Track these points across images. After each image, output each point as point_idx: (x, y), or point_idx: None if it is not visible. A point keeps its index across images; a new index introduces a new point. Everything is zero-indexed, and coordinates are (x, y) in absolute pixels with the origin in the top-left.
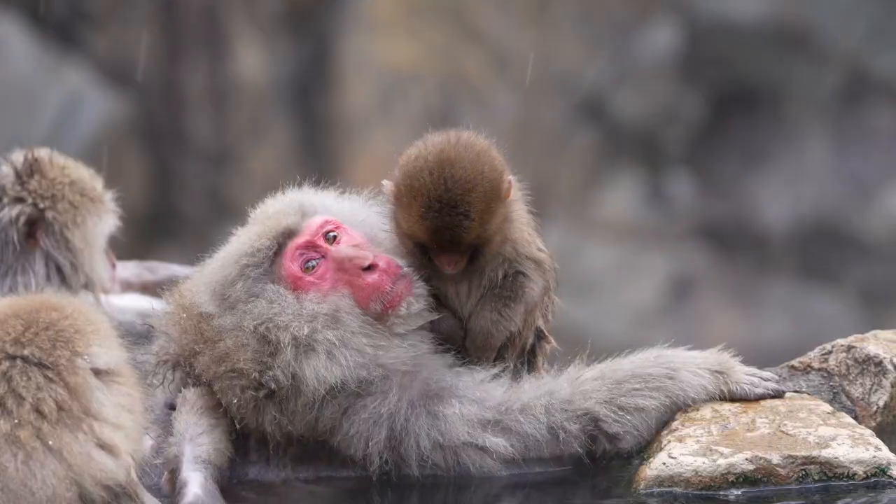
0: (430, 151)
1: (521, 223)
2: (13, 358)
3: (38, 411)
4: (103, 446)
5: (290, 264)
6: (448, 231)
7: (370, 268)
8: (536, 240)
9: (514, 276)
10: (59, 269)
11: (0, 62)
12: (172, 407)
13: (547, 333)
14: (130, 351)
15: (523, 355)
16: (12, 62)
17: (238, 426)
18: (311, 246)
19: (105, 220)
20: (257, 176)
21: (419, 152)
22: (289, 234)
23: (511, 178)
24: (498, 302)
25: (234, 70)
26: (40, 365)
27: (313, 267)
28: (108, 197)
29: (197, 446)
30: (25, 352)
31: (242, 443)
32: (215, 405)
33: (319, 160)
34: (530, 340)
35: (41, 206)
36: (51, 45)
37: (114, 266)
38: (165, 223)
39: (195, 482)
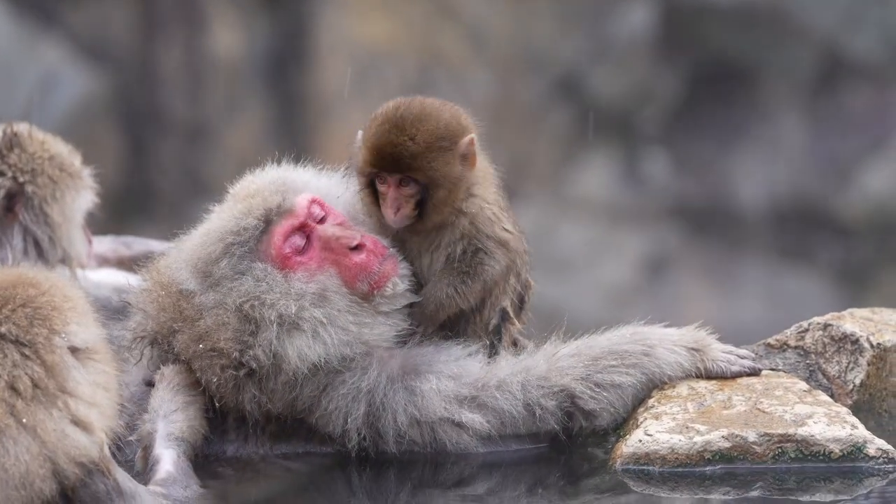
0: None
1: (484, 201)
2: None
3: (13, 388)
4: (78, 423)
5: (278, 243)
6: (390, 147)
7: (357, 247)
8: (503, 220)
9: (475, 253)
10: (36, 244)
11: None
12: (151, 384)
13: (512, 315)
14: (106, 326)
15: (487, 335)
16: None
17: (217, 405)
18: (301, 226)
19: (83, 196)
20: (233, 153)
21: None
22: (275, 212)
23: (475, 144)
24: (455, 276)
25: (210, 47)
26: (17, 342)
27: (300, 246)
28: (87, 173)
29: (171, 423)
30: (2, 329)
31: (221, 421)
32: (193, 383)
33: (295, 137)
34: (494, 321)
35: (21, 179)
36: (28, 21)
37: (90, 242)
38: (140, 199)
39: (168, 459)
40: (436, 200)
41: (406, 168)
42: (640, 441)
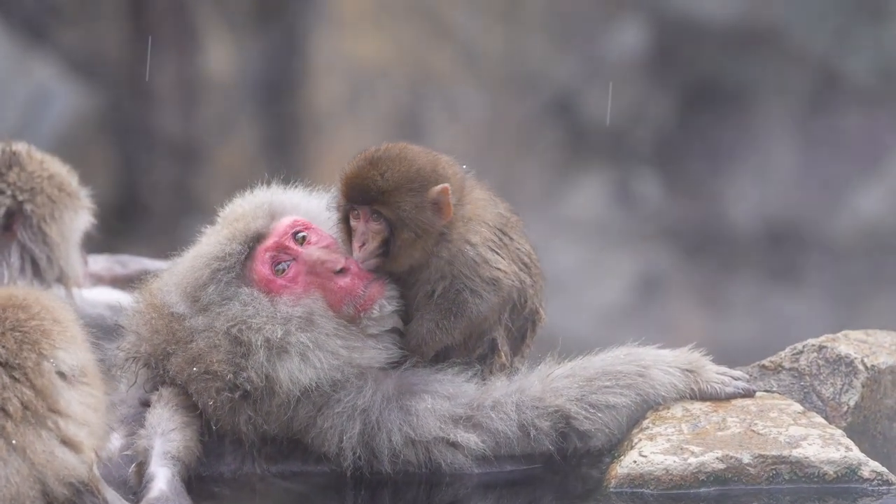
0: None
1: (466, 243)
2: None
3: (3, 410)
4: (67, 443)
5: (261, 267)
6: (360, 180)
7: (342, 271)
8: (492, 261)
9: (458, 292)
10: (34, 262)
11: None
12: (146, 404)
13: (504, 347)
14: (100, 344)
15: (472, 362)
16: None
17: (214, 427)
18: (280, 248)
19: (81, 216)
20: (225, 171)
21: None
22: (258, 237)
23: (448, 195)
24: (437, 312)
25: (202, 65)
26: (6, 365)
27: (284, 269)
28: (84, 193)
29: (168, 442)
30: None
31: (217, 444)
32: (191, 405)
33: (287, 156)
34: (479, 350)
35: (20, 198)
36: (19, 38)
37: (86, 261)
38: (132, 218)
39: (162, 477)
40: (401, 241)
41: (372, 200)
42: (635, 462)
